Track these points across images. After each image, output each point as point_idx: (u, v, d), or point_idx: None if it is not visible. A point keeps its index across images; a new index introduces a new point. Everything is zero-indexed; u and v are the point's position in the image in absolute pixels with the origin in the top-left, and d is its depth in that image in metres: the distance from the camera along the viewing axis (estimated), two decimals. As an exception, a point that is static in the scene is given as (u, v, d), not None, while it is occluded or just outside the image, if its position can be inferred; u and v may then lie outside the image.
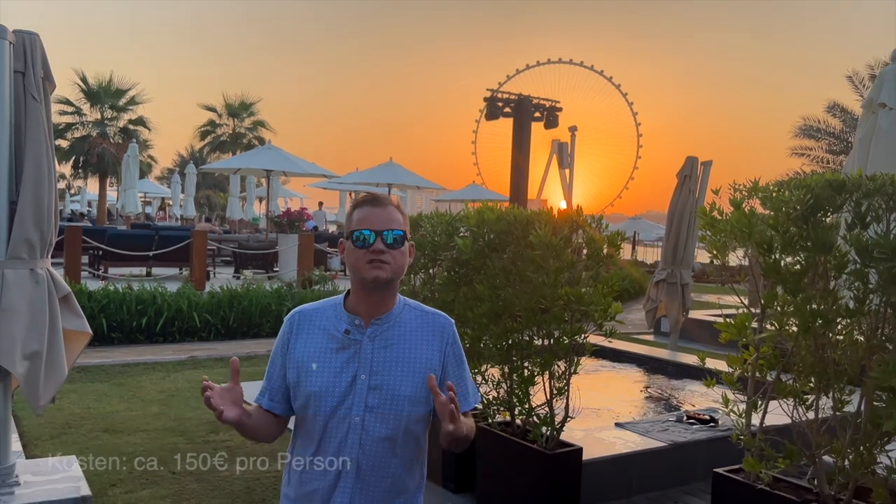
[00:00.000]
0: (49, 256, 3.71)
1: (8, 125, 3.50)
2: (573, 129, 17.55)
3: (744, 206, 2.94)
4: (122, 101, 30.17)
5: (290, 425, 2.01)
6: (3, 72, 3.45)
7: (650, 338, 11.21)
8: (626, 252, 31.50)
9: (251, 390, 1.89)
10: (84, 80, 29.56)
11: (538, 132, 19.46)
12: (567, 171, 18.14)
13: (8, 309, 3.48)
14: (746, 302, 3.13)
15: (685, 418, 4.95)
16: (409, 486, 1.93)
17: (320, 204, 26.70)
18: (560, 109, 18.41)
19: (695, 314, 10.54)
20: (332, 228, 29.83)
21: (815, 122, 23.62)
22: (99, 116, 30.16)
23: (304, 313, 1.97)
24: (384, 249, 1.84)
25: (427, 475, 2.05)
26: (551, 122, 18.15)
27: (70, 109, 29.65)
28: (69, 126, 29.62)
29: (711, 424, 4.83)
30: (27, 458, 4.46)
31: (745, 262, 3.12)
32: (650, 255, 32.11)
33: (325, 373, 1.87)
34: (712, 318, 10.84)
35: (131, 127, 30.75)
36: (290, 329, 1.95)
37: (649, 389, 6.98)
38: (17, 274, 3.52)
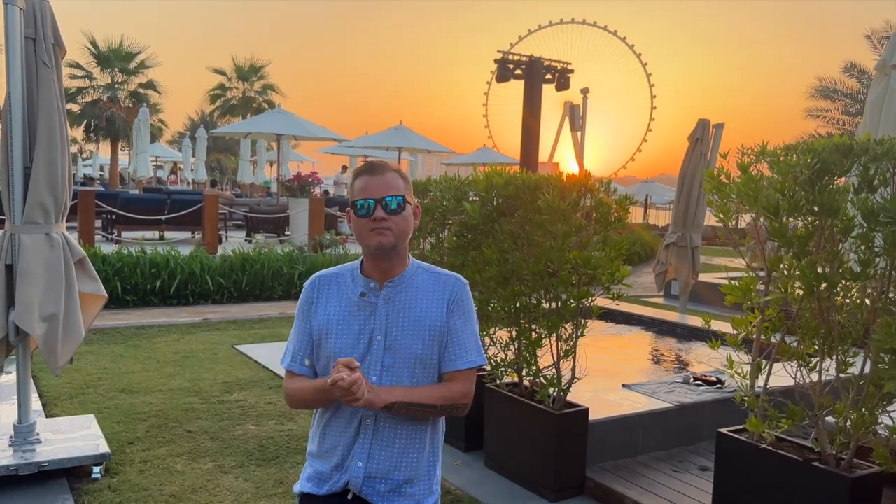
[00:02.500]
0: (64, 221, 3.77)
1: (20, 91, 3.53)
2: (585, 91, 17.37)
3: (752, 169, 2.94)
4: (132, 65, 30.08)
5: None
6: (15, 38, 3.47)
7: (661, 300, 11.26)
8: (637, 215, 31.42)
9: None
10: (94, 43, 29.45)
11: (550, 94, 19.28)
12: (579, 133, 18.00)
13: (25, 273, 3.55)
14: (754, 264, 3.15)
15: (692, 380, 5.00)
16: (425, 443, 2.00)
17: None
18: (572, 71, 18.19)
19: (705, 277, 10.55)
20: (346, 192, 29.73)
21: (831, 83, 23.25)
22: (109, 80, 30.09)
23: (324, 278, 2.04)
24: (385, 217, 1.89)
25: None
26: (563, 85, 17.94)
27: (80, 73, 29.61)
28: (80, 90, 29.59)
29: (718, 386, 4.88)
30: (47, 416, 4.59)
31: (756, 224, 3.13)
32: (662, 218, 31.99)
33: (344, 335, 1.94)
34: (722, 281, 10.85)
35: (141, 91, 30.68)
36: (311, 294, 2.03)
37: (658, 352, 7.04)
38: (32, 238, 3.59)
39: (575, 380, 3.85)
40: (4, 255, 3.59)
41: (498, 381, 4.17)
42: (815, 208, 2.69)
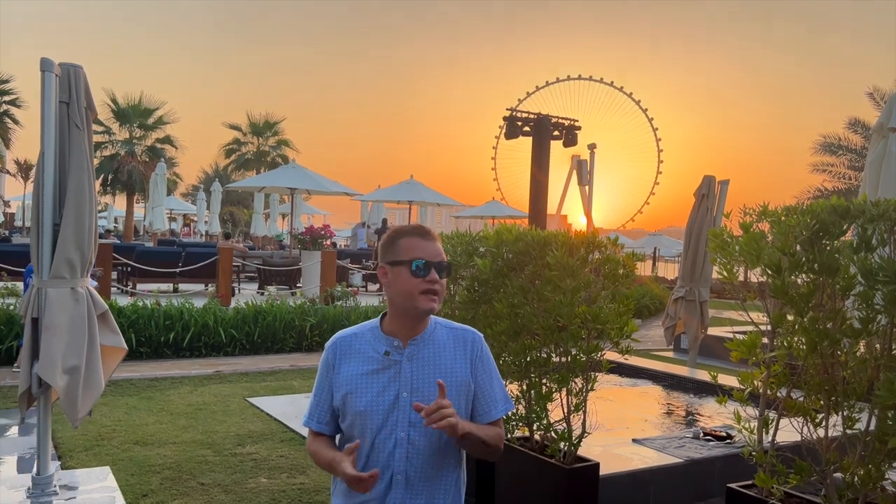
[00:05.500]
0: (89, 275, 3.90)
1: (53, 152, 3.71)
2: (592, 147, 17.63)
3: (754, 228, 3.04)
4: (150, 121, 30.78)
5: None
6: (50, 102, 3.66)
7: (670, 354, 11.23)
8: (646, 268, 31.43)
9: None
10: (114, 100, 30.24)
11: (558, 148, 19.59)
12: (586, 187, 18.19)
13: (50, 326, 3.67)
14: (765, 318, 3.21)
15: (702, 435, 5.01)
16: (451, 491, 2.07)
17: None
18: (579, 128, 18.50)
19: (714, 331, 10.55)
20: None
21: (835, 140, 23.54)
22: (128, 135, 30.79)
23: (345, 339, 2.11)
24: (437, 279, 2.00)
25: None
26: (570, 141, 18.23)
27: (100, 129, 30.30)
28: (99, 145, 30.26)
29: (728, 441, 4.88)
30: (62, 468, 4.64)
31: (763, 279, 3.21)
32: (671, 270, 31.98)
33: (369, 393, 2.01)
34: (731, 335, 10.83)
35: (158, 146, 31.32)
36: (333, 355, 2.09)
37: (667, 406, 7.03)
38: (58, 292, 3.71)
39: (585, 434, 3.89)
40: (31, 308, 3.71)
41: (509, 436, 4.21)
42: (816, 266, 2.78)
